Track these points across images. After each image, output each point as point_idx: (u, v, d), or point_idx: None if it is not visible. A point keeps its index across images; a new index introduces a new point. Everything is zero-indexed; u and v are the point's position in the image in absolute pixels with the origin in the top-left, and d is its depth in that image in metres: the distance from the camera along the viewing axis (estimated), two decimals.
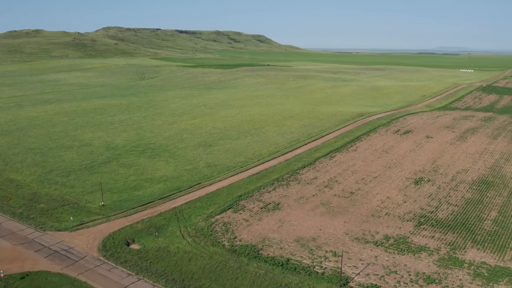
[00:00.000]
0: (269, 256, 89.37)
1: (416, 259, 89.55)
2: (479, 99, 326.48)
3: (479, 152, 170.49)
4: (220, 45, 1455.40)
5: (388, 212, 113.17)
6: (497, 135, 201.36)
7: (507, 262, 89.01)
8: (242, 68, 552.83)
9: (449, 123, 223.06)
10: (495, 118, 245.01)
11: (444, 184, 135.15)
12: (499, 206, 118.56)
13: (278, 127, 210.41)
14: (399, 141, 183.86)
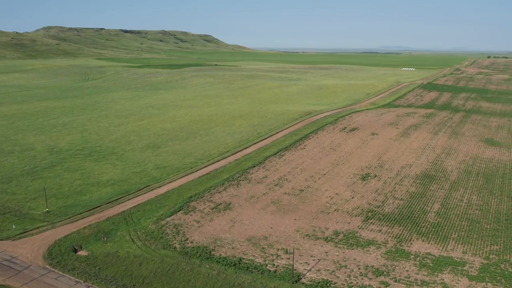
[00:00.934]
0: (221, 256, 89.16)
1: (365, 253, 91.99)
2: (420, 96, 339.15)
3: (421, 148, 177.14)
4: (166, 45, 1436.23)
5: (337, 208, 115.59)
6: (438, 130, 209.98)
7: (450, 252, 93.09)
8: (189, 68, 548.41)
9: (393, 120, 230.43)
10: (436, 115, 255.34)
11: (389, 179, 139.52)
12: (441, 199, 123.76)
13: (227, 127, 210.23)
14: (346, 139, 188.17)
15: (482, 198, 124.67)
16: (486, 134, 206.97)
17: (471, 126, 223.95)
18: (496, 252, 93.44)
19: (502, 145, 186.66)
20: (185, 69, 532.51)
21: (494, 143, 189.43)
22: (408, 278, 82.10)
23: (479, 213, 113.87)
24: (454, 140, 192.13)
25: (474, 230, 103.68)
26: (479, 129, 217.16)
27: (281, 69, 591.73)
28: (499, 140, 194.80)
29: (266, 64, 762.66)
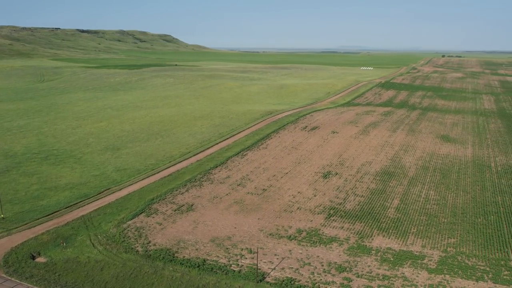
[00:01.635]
0: (185, 258, 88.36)
1: (328, 249, 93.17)
2: (378, 95, 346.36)
3: (380, 145, 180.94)
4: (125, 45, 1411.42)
5: (300, 206, 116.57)
6: (396, 128, 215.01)
7: (409, 246, 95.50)
8: (149, 68, 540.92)
9: (352, 118, 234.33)
10: (393, 112, 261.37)
11: (350, 176, 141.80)
12: (400, 195, 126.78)
13: (188, 127, 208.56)
14: (307, 137, 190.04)
15: (439, 193, 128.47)
16: (442, 131, 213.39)
17: (428, 124, 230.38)
18: (453, 245, 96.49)
19: (457, 141, 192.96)
20: (145, 69, 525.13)
21: (449, 139, 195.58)
22: (370, 273, 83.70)
23: (436, 208, 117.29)
24: (412, 137, 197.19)
25: (432, 224, 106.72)
26: (435, 126, 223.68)
27: (242, 69, 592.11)
28: (454, 137, 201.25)
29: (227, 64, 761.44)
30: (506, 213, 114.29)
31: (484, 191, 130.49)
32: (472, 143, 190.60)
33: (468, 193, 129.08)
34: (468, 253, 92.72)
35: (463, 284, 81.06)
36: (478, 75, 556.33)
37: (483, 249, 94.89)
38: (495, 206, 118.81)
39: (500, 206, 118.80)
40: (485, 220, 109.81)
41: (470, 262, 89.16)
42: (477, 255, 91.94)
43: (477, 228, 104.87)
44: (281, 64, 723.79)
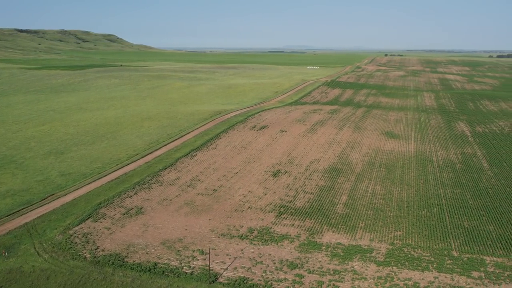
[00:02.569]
0: (135, 262, 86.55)
1: (279, 247, 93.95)
2: (325, 93, 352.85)
3: (328, 142, 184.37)
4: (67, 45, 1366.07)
5: (251, 205, 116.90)
6: (342, 125, 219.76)
7: (358, 240, 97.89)
8: (93, 69, 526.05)
9: (300, 117, 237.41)
10: (340, 111, 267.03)
11: (299, 174, 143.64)
12: (348, 190, 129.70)
13: (135, 129, 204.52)
14: (256, 137, 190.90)
15: (385, 188, 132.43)
16: (386, 127, 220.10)
17: (373, 121, 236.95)
18: (399, 237, 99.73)
19: (401, 137, 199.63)
20: (88, 70, 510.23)
21: (393, 135, 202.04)
22: (321, 269, 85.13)
23: (383, 202, 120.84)
24: (358, 134, 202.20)
25: (379, 218, 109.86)
26: (380, 123, 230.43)
27: (190, 68, 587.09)
28: (398, 133, 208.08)
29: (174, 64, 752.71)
30: (447, 205, 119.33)
31: (427, 185, 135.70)
32: (414, 138, 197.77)
33: (412, 187, 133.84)
34: (413, 245, 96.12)
35: (410, 275, 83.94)
36: (419, 73, 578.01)
37: (428, 240, 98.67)
38: (438, 199, 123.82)
39: (442, 199, 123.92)
40: (429, 212, 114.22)
41: (416, 253, 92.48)
42: (422, 246, 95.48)
43: (421, 221, 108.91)
44: (229, 64, 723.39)
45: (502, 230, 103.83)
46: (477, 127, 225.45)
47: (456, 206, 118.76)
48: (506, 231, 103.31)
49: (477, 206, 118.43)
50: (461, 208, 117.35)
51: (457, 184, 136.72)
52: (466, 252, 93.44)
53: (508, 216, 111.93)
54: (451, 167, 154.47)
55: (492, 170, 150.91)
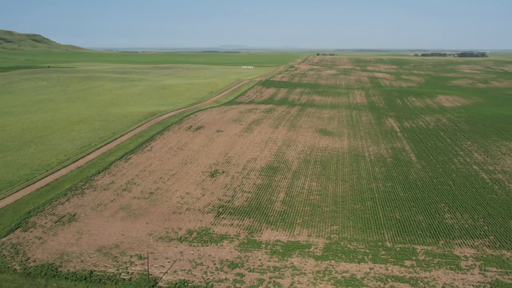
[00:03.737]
0: (70, 272, 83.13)
1: (219, 247, 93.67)
2: (260, 93, 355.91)
3: (264, 141, 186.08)
4: None
5: (189, 207, 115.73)
6: (278, 124, 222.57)
7: (296, 236, 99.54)
8: (17, 71, 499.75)
9: (236, 117, 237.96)
10: (275, 110, 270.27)
11: (237, 173, 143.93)
12: (285, 188, 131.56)
13: (66, 133, 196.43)
14: (193, 137, 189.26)
15: (320, 184, 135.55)
16: (320, 125, 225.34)
17: (307, 119, 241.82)
18: (336, 231, 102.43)
19: (334, 134, 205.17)
20: (13, 72, 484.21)
21: (327, 133, 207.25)
22: (261, 267, 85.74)
23: (319, 198, 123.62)
24: (293, 132, 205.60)
25: (316, 214, 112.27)
26: (314, 121, 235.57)
27: (122, 69, 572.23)
28: (331, 130, 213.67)
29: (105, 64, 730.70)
30: (380, 198, 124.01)
31: (361, 179, 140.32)
32: (347, 135, 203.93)
33: (347, 182, 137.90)
34: (349, 238, 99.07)
35: (347, 267, 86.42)
36: (350, 72, 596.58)
37: (362, 233, 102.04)
38: (371, 193, 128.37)
39: (375, 192, 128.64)
40: (363, 206, 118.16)
41: (352, 246, 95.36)
42: (357, 239, 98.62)
43: (356, 214, 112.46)
44: (163, 64, 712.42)
45: (431, 219, 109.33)
46: (405, 122, 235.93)
47: (388, 198, 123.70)
48: (434, 220, 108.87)
49: (407, 198, 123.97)
50: (392, 200, 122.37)
51: (388, 177, 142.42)
52: (398, 242, 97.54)
53: (436, 206, 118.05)
54: (382, 161, 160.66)
55: (420, 163, 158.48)
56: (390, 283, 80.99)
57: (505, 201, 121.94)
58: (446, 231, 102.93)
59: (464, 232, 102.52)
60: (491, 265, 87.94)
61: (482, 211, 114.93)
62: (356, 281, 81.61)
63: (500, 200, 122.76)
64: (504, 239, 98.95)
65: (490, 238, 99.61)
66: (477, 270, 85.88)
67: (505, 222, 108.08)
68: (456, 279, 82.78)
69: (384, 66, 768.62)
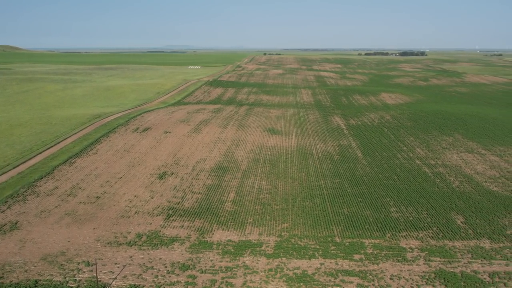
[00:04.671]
0: (13, 283, 79.47)
1: (170, 250, 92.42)
2: (207, 93, 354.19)
3: (213, 142, 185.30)
4: None
5: (137, 210, 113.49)
6: (226, 124, 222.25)
7: (248, 235, 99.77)
8: None
9: (184, 117, 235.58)
10: (223, 109, 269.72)
11: (186, 175, 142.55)
12: (235, 188, 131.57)
13: (5, 137, 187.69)
14: (140, 139, 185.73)
15: (270, 183, 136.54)
16: (268, 124, 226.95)
17: (255, 118, 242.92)
18: (286, 229, 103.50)
19: (282, 133, 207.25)
20: None
21: (275, 132, 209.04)
22: (213, 267, 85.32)
23: (269, 196, 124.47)
24: (242, 132, 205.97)
25: (266, 213, 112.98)
26: (262, 120, 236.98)
27: (64, 70, 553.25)
28: (279, 129, 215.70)
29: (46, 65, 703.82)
30: (329, 194, 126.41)
31: (309, 177, 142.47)
32: (295, 133, 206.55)
33: (296, 180, 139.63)
34: (300, 235, 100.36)
35: (298, 264, 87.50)
36: (296, 71, 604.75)
37: (312, 229, 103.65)
38: (319, 189, 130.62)
39: (323, 189, 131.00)
40: (312, 203, 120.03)
41: (302, 242, 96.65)
42: (308, 236, 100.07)
43: (306, 211, 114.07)
44: (107, 65, 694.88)
45: (377, 214, 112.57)
46: (350, 120, 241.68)
47: (336, 195, 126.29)
48: (381, 214, 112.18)
49: (354, 194, 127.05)
50: (340, 196, 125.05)
51: (336, 174, 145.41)
52: (347, 237, 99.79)
53: (382, 200, 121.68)
54: (330, 158, 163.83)
55: (365, 159, 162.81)
56: (340, 277, 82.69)
57: (446, 193, 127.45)
58: (392, 224, 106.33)
59: (409, 225, 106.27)
60: (435, 255, 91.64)
61: (425, 203, 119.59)
62: (307, 277, 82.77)
63: (441, 192, 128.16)
64: (446, 230, 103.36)
65: (433, 230, 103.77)
66: (422, 261, 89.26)
67: (446, 213, 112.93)
68: (403, 270, 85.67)
69: (330, 65, 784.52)
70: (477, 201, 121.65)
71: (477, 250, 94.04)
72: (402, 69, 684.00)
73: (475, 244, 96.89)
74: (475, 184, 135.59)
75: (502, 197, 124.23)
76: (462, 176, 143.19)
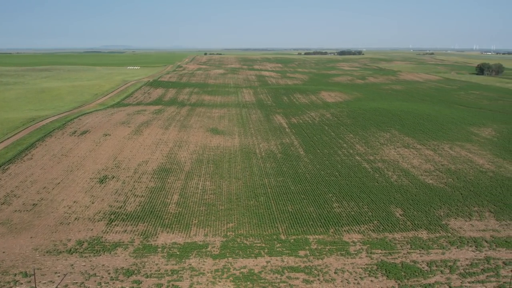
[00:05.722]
0: None
1: (113, 256, 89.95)
2: (148, 94, 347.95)
3: (155, 143, 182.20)
4: None
5: (78, 216, 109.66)
6: (168, 125, 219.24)
7: (193, 237, 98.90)
8: None
9: (124, 119, 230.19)
10: (164, 110, 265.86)
11: (128, 178, 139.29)
12: (179, 189, 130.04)
13: None
14: (78, 143, 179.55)
15: (214, 183, 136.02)
16: (210, 124, 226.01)
17: (197, 118, 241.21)
18: (232, 229, 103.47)
19: (225, 133, 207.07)
20: None
21: (218, 132, 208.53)
22: (158, 271, 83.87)
23: (213, 197, 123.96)
24: (184, 132, 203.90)
25: (211, 213, 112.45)
26: (205, 120, 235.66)
27: None
28: (222, 129, 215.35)
29: None
30: (273, 193, 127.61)
31: (253, 176, 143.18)
32: (238, 133, 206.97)
33: (240, 179, 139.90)
34: (245, 234, 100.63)
35: (244, 263, 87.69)
36: (238, 70, 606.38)
37: (258, 228, 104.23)
38: (263, 188, 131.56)
39: (267, 187, 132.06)
40: (257, 201, 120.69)
41: (248, 241, 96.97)
42: (253, 235, 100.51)
43: (250, 210, 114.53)
44: (41, 66, 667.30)
45: (321, 210, 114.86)
46: (292, 118, 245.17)
47: (280, 193, 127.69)
48: (324, 210, 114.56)
49: (298, 191, 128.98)
50: (284, 194, 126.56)
51: (279, 172, 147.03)
52: (292, 234, 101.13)
53: (324, 197, 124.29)
54: (273, 157, 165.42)
55: (307, 157, 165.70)
56: (286, 274, 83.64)
57: (385, 187, 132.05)
58: (335, 220, 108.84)
59: (351, 219, 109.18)
60: (376, 247, 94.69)
61: (366, 198, 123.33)
62: (254, 275, 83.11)
63: (381, 187, 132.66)
64: (386, 223, 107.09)
65: (374, 223, 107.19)
66: (365, 254, 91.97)
67: (386, 207, 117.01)
68: (346, 263, 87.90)
69: (270, 64, 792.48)
70: (414, 193, 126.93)
71: (416, 240, 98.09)
72: (341, 68, 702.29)
73: (413, 235, 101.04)
74: (411, 177, 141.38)
75: (437, 189, 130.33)
76: (399, 170, 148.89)
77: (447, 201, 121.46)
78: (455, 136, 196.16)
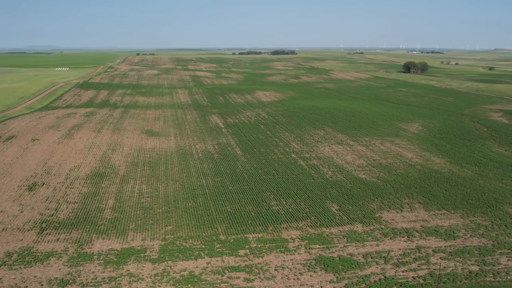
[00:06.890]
0: None
1: (46, 266, 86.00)
2: (78, 96, 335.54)
3: (87, 147, 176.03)
4: None
5: (5, 227, 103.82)
6: (101, 128, 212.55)
7: (130, 242, 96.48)
8: None
9: (53, 123, 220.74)
10: (96, 113, 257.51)
11: (59, 184, 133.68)
12: (114, 194, 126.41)
13: None
14: (3, 149, 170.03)
15: (151, 186, 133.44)
16: (145, 126, 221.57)
17: (131, 120, 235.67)
18: (170, 232, 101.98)
19: (161, 134, 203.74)
20: None
21: (153, 133, 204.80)
22: (95, 279, 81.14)
23: (150, 200, 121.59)
24: (118, 135, 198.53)
25: (149, 217, 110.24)
26: (139, 122, 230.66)
27: None
28: (157, 130, 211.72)
29: None
30: (211, 193, 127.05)
31: (190, 177, 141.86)
32: (174, 134, 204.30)
33: (177, 181, 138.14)
34: (184, 237, 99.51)
35: (184, 265, 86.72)
36: (172, 71, 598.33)
37: (197, 229, 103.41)
38: (201, 189, 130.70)
39: (205, 188, 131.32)
40: (195, 203, 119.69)
41: (188, 244, 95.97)
42: (192, 236, 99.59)
43: (189, 212, 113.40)
44: None
45: (259, 208, 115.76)
46: (228, 118, 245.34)
47: (218, 193, 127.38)
48: (262, 208, 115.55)
49: (236, 191, 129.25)
50: (223, 194, 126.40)
51: (217, 172, 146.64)
52: (231, 233, 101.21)
53: (263, 195, 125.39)
54: (210, 157, 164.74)
55: (245, 156, 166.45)
56: (227, 274, 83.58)
57: (321, 184, 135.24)
58: (274, 217, 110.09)
59: (289, 216, 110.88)
60: (314, 243, 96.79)
61: (303, 195, 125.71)
62: (195, 277, 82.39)
63: (317, 183, 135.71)
64: (323, 218, 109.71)
65: (311, 219, 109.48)
66: (303, 249, 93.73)
67: (322, 202, 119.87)
68: (286, 260, 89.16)
69: (205, 64, 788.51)
70: (349, 188, 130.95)
71: (351, 234, 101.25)
72: (275, 68, 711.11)
73: (349, 229, 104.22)
74: (346, 173, 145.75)
75: (370, 184, 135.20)
76: (334, 166, 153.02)
77: (380, 194, 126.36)
78: (385, 132, 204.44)
